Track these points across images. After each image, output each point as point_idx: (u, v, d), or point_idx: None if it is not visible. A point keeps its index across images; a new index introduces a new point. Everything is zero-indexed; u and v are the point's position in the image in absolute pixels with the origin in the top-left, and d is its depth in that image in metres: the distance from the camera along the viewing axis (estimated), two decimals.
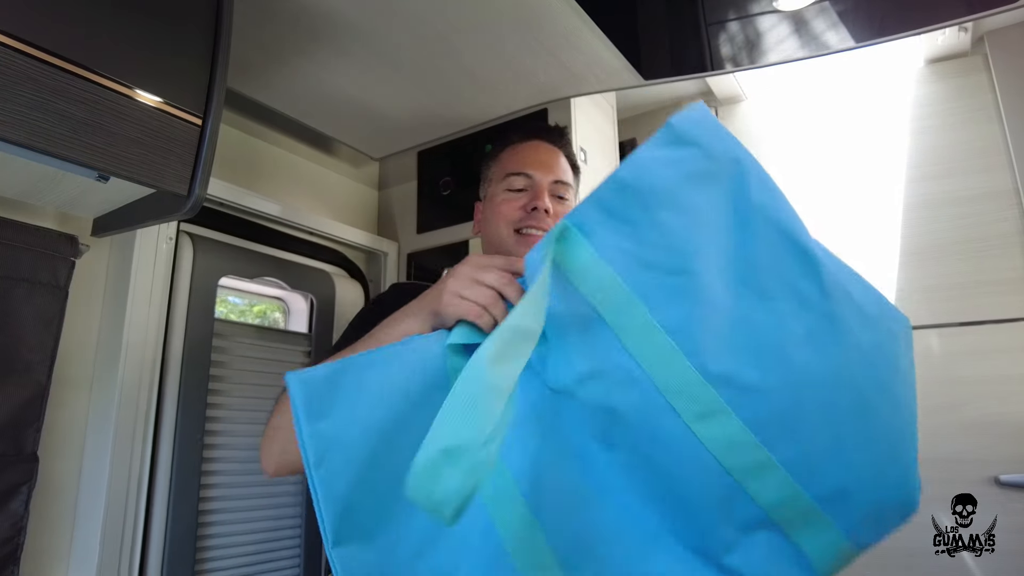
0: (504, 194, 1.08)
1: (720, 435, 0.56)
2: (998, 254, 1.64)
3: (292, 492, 1.39)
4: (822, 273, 0.59)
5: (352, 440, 0.57)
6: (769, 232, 0.59)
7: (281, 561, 1.34)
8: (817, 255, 0.59)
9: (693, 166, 0.59)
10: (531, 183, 1.07)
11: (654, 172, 0.59)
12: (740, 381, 0.56)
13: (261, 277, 1.40)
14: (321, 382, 0.59)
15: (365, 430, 0.58)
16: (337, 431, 0.57)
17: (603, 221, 0.59)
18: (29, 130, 0.75)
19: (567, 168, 1.12)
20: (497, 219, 1.07)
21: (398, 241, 1.79)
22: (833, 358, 0.57)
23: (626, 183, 0.59)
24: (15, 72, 0.73)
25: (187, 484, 1.16)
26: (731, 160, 0.59)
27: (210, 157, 0.91)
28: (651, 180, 0.59)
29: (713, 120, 0.61)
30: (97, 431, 1.08)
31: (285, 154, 1.67)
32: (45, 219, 1.09)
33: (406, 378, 0.61)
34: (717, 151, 0.60)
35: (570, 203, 1.10)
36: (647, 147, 0.59)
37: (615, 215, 0.59)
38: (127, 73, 0.83)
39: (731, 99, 2.11)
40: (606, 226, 0.59)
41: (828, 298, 0.58)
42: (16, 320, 0.99)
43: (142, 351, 1.12)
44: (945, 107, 1.77)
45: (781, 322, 0.58)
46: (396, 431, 0.59)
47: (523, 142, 1.12)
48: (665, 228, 0.58)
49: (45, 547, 1.03)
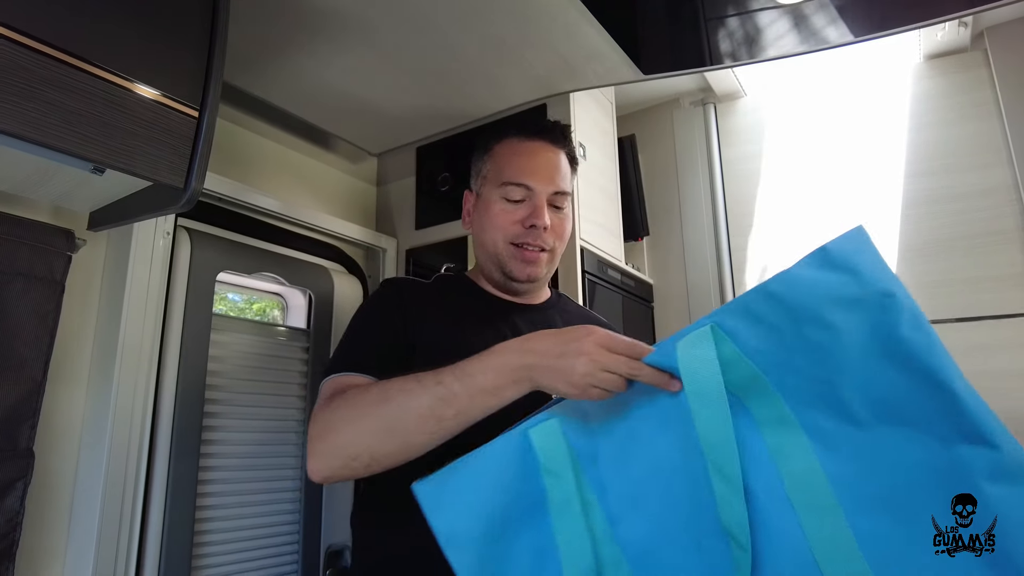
0: (501, 203, 1.05)
1: (828, 537, 0.60)
2: (998, 250, 1.64)
3: (291, 488, 1.39)
4: (959, 409, 0.58)
5: (465, 527, 0.70)
6: (914, 369, 0.58)
7: (280, 558, 1.34)
8: (966, 402, 0.57)
9: (842, 291, 0.61)
10: (530, 195, 1.03)
11: (803, 289, 0.62)
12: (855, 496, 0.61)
13: (259, 272, 1.40)
14: (436, 485, 0.72)
15: (476, 517, 0.71)
16: (451, 522, 0.71)
17: (747, 325, 0.64)
18: (21, 120, 0.74)
19: (567, 172, 1.09)
20: (493, 229, 1.05)
21: (396, 237, 1.78)
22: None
23: (774, 294, 0.63)
24: (6, 61, 0.73)
25: (184, 481, 1.16)
26: (883, 292, 0.60)
27: (207, 150, 0.90)
28: (799, 296, 0.62)
29: (872, 249, 0.62)
30: (93, 427, 1.08)
31: (283, 149, 1.66)
32: (41, 213, 1.08)
33: (504, 472, 0.72)
34: (870, 281, 0.61)
35: (566, 210, 1.08)
36: (799, 265, 0.63)
37: (761, 321, 0.64)
38: (122, 63, 0.82)
39: (730, 95, 2.11)
40: (750, 330, 0.64)
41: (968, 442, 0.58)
42: (12, 315, 0.98)
43: (139, 346, 1.11)
44: (944, 103, 1.77)
45: (912, 451, 0.59)
46: (502, 514, 0.71)
47: (524, 142, 1.07)
48: (809, 341, 0.62)
49: (41, 544, 1.02)
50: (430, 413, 0.74)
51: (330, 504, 1.43)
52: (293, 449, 1.40)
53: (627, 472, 0.71)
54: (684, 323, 1.98)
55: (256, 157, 1.58)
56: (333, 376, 0.90)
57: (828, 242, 0.62)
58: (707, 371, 0.64)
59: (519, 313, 1.08)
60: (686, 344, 0.66)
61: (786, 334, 0.63)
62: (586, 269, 1.55)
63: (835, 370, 0.61)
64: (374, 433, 0.77)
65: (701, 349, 0.65)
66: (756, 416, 0.66)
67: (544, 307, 1.12)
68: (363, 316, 1.01)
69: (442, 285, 1.10)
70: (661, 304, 2.07)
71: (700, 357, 0.64)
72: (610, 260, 1.71)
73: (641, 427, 0.71)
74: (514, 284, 1.06)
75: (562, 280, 1.51)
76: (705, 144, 2.10)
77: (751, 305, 0.64)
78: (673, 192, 2.13)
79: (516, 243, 1.03)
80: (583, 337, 0.70)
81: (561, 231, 1.07)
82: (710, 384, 0.64)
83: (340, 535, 1.43)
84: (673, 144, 2.16)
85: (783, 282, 0.63)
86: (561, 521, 0.70)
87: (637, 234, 2.02)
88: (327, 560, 1.41)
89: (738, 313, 0.65)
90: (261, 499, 1.33)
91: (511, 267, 1.04)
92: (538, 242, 1.03)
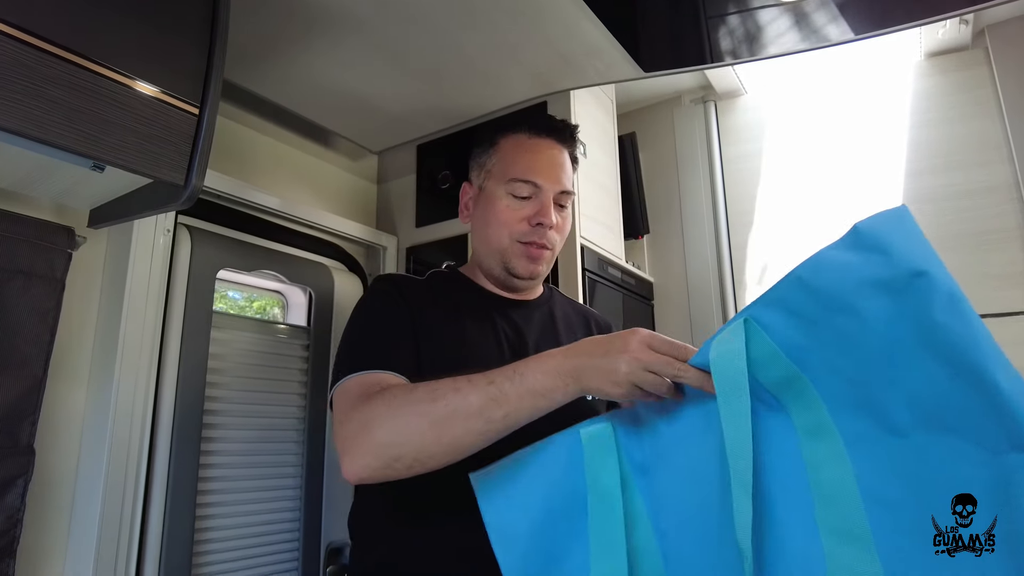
0: (507, 199, 1.04)
1: (847, 561, 0.57)
2: (998, 248, 1.64)
3: (291, 486, 1.39)
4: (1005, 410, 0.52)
5: (512, 520, 0.72)
6: (953, 362, 0.53)
7: (280, 555, 1.34)
8: (1012, 400, 0.51)
9: (870, 272, 0.56)
10: (537, 192, 1.03)
11: (830, 274, 0.57)
12: (894, 519, 0.56)
13: (259, 270, 1.40)
14: (490, 476, 0.75)
15: (524, 511, 0.72)
16: (500, 513, 0.73)
17: (783, 317, 0.61)
18: (22, 117, 0.74)
19: (570, 172, 1.09)
20: (499, 225, 1.05)
21: (397, 235, 1.78)
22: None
23: (804, 281, 0.59)
24: (7, 58, 0.73)
25: (185, 478, 1.16)
26: (913, 272, 0.54)
27: (207, 147, 0.90)
28: (828, 281, 0.58)
29: (908, 228, 0.56)
30: (94, 424, 1.08)
31: (283, 147, 1.66)
32: (41, 211, 1.08)
33: (554, 470, 0.73)
34: (900, 260, 0.55)
35: (569, 210, 1.09)
36: (829, 247, 0.58)
37: (795, 312, 0.60)
38: (123, 61, 0.82)
39: (731, 93, 2.11)
40: (785, 322, 0.60)
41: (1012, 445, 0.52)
42: (12, 312, 0.98)
43: (140, 344, 1.11)
44: (945, 101, 1.77)
45: (954, 464, 0.54)
46: (550, 511, 0.72)
47: (532, 138, 1.07)
48: (843, 333, 0.58)
49: (42, 541, 1.03)
50: (479, 413, 0.73)
51: (330, 502, 1.43)
52: (293, 447, 1.41)
53: (674, 482, 0.70)
54: (684, 321, 2.01)
55: (256, 154, 1.58)
56: (359, 374, 0.88)
57: (861, 220, 0.57)
58: (732, 366, 0.61)
59: (515, 309, 1.08)
60: (719, 341, 0.63)
61: (820, 326, 0.59)
62: (586, 267, 1.55)
63: (869, 366, 0.57)
64: (422, 433, 0.75)
65: (730, 344, 0.62)
66: (796, 422, 0.62)
67: (539, 303, 1.13)
68: (372, 313, 1.00)
69: (436, 282, 1.10)
70: (661, 302, 2.07)
71: (727, 352, 0.61)
72: (610, 258, 1.71)
73: (688, 434, 0.70)
74: (515, 280, 1.06)
75: (562, 278, 1.51)
76: (706, 142, 2.10)
77: (784, 294, 0.60)
78: (673, 190, 2.13)
79: (522, 241, 1.04)
80: (627, 336, 0.70)
81: (563, 230, 1.08)
82: (734, 379, 0.61)
83: (340, 532, 1.43)
84: (674, 142, 2.16)
85: (810, 267, 0.58)
86: (597, 525, 0.70)
87: (637, 232, 2.02)
88: (327, 557, 1.41)
89: (772, 304, 0.61)
90: (262, 496, 1.33)
91: (515, 264, 1.05)
92: (543, 240, 1.03)
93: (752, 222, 1.99)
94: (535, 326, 1.08)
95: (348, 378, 0.88)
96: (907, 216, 0.56)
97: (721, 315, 1.96)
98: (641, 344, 0.69)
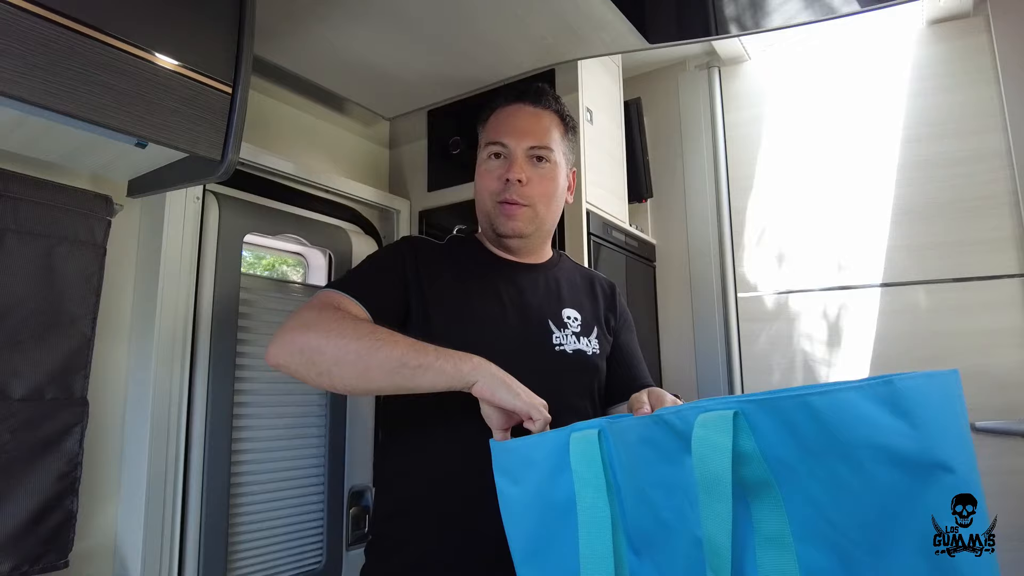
0: (486, 163, 1.13)
1: None
2: (989, 214, 1.70)
3: (316, 434, 1.50)
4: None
5: (518, 496, 0.80)
6: (943, 569, 0.51)
7: (307, 496, 1.46)
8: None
9: (895, 443, 0.51)
10: (506, 151, 1.11)
11: (849, 420, 0.53)
12: None
13: (282, 234, 1.48)
14: (504, 449, 0.83)
15: (526, 492, 0.79)
16: (506, 487, 0.81)
17: (775, 428, 0.58)
18: (78, 101, 0.81)
19: (548, 129, 1.12)
20: (481, 189, 1.14)
21: (409, 199, 1.85)
22: None
23: (816, 411, 0.55)
24: (63, 47, 0.79)
25: (221, 424, 1.26)
26: (941, 464, 0.50)
27: (240, 123, 0.97)
28: (843, 425, 0.53)
29: (952, 404, 0.51)
30: (138, 378, 1.18)
31: (298, 113, 1.72)
32: (79, 181, 1.15)
33: (550, 462, 0.78)
34: (929, 443, 0.50)
35: (550, 164, 1.12)
36: (857, 389, 0.53)
37: (791, 430, 0.57)
38: (163, 45, 0.89)
39: (734, 59, 2.14)
40: (777, 434, 0.58)
41: None
42: (60, 277, 1.07)
43: (175, 303, 1.20)
44: (944, 69, 1.81)
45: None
46: (548, 501, 0.78)
47: (506, 106, 1.15)
48: (837, 477, 0.54)
49: (99, 481, 1.14)
50: (399, 358, 0.86)
51: (353, 449, 1.54)
52: (317, 397, 1.51)
53: (641, 503, 0.71)
54: (684, 283, 2.09)
55: (273, 121, 1.64)
56: (332, 291, 1.01)
57: (901, 377, 0.51)
58: (719, 465, 0.59)
59: (520, 272, 1.15)
60: (705, 423, 0.61)
61: (816, 459, 0.55)
62: (591, 231, 1.62)
63: (855, 521, 0.54)
64: (344, 351, 0.87)
65: (718, 436, 0.59)
66: (756, 524, 0.60)
67: (546, 266, 1.19)
68: (375, 258, 1.12)
69: (453, 246, 1.17)
70: (663, 264, 2.15)
71: (715, 445, 0.59)
72: (614, 222, 1.77)
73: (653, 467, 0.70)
74: (505, 241, 1.13)
75: (568, 241, 1.58)
76: (709, 107, 2.14)
77: (786, 409, 0.57)
78: (676, 154, 2.18)
79: (499, 200, 1.10)
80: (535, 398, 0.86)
81: (542, 188, 1.11)
82: (719, 480, 0.59)
83: (362, 477, 1.55)
84: (677, 107, 2.20)
85: (829, 402, 0.54)
86: (586, 524, 0.72)
87: (641, 195, 2.08)
88: (350, 499, 1.53)
89: (769, 410, 0.58)
90: (290, 444, 1.44)
91: (497, 222, 1.12)
92: (514, 196, 1.09)
93: (752, 187, 2.05)
94: (539, 289, 1.14)
95: (325, 291, 1.01)
96: (954, 386, 0.51)
97: (720, 278, 2.04)
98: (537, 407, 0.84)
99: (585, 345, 1.11)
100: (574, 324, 1.12)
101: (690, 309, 2.09)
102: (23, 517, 0.99)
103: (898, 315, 1.78)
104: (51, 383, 1.04)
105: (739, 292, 2.02)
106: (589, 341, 1.12)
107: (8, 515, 0.98)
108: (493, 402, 0.84)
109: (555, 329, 1.09)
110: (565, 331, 1.10)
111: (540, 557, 0.78)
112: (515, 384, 0.86)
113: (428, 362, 0.85)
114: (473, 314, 1.06)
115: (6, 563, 0.97)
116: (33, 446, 1.01)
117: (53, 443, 1.04)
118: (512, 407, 0.83)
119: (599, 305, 1.21)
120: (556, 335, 1.09)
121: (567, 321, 1.12)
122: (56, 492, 1.03)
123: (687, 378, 2.06)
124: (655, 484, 0.69)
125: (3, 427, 0.98)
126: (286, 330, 0.92)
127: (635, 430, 0.70)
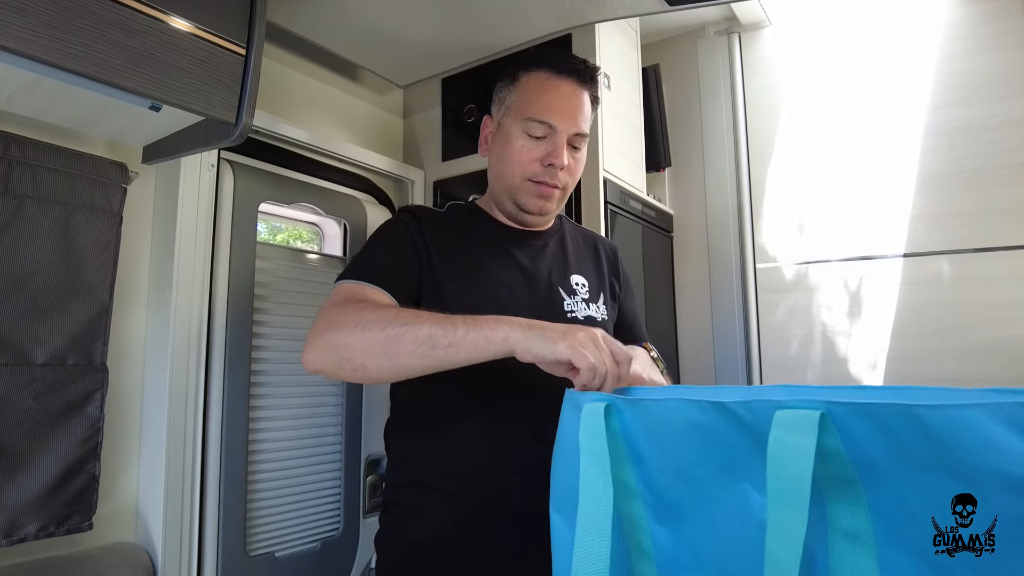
0: (523, 138, 1.07)
1: None
2: (1014, 181, 1.66)
3: (333, 403, 1.51)
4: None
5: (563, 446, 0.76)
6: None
7: (324, 465, 1.47)
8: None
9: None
10: (552, 133, 1.06)
11: (973, 442, 0.48)
12: None
13: (297, 203, 1.47)
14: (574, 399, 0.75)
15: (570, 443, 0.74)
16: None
17: (870, 432, 0.53)
18: (91, 61, 0.80)
19: (588, 113, 1.10)
20: (512, 163, 1.08)
21: (423, 168, 1.83)
22: None
23: (927, 425, 0.49)
24: (75, 4, 0.78)
25: (238, 392, 1.27)
26: None
27: (255, 86, 0.96)
28: (963, 445, 0.48)
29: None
30: (156, 344, 1.18)
31: (312, 81, 1.70)
32: (94, 148, 1.14)
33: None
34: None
35: (583, 151, 1.11)
36: (987, 410, 0.48)
37: (891, 437, 0.52)
38: (178, 5, 0.87)
39: (755, 24, 2.09)
40: (870, 438, 0.53)
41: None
42: (78, 244, 1.07)
43: (192, 270, 1.20)
44: (974, 31, 1.75)
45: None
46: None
47: (552, 78, 1.08)
48: (944, 491, 0.50)
49: (119, 446, 1.15)
50: (428, 339, 0.82)
51: (368, 417, 1.55)
52: None
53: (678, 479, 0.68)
54: (702, 254, 2.06)
55: (288, 90, 1.63)
56: (349, 281, 0.99)
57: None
58: (798, 470, 0.53)
59: (529, 240, 1.15)
60: (786, 423, 0.54)
61: (918, 467, 0.50)
62: (608, 200, 1.60)
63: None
64: (373, 342, 0.85)
65: (801, 439, 0.53)
66: (833, 519, 0.56)
67: (549, 233, 1.19)
68: (382, 236, 1.09)
69: (454, 214, 1.16)
70: (681, 234, 2.12)
71: (796, 447, 0.53)
72: (632, 191, 1.75)
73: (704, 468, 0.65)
74: (525, 216, 1.12)
75: (584, 210, 1.56)
76: (729, 74, 2.09)
77: (886, 416, 0.51)
78: (696, 123, 2.14)
79: (534, 180, 1.08)
80: (578, 328, 0.79)
81: (575, 171, 1.11)
82: (796, 487, 0.53)
83: (379, 445, 1.56)
84: (697, 74, 2.15)
85: (947, 419, 0.48)
86: (585, 495, 0.69)
87: (659, 164, 2.05)
88: (366, 468, 1.54)
89: (863, 414, 0.52)
90: (307, 412, 1.45)
91: (525, 201, 1.10)
92: (554, 181, 1.07)
93: (772, 155, 2.01)
94: (548, 256, 1.14)
95: (343, 282, 1.00)
96: None
97: (738, 248, 2.01)
98: (587, 335, 0.76)
99: (595, 311, 1.12)
100: (582, 291, 1.13)
101: (708, 280, 2.06)
102: (48, 480, 1.01)
103: (920, 286, 1.74)
104: (72, 349, 1.05)
105: (758, 263, 2.00)
106: (598, 307, 1.13)
107: (34, 478, 0.99)
108: (536, 361, 0.78)
109: (565, 296, 1.10)
110: (575, 298, 1.11)
111: (572, 506, 0.76)
112: (549, 331, 0.78)
113: (458, 338, 0.81)
114: (486, 285, 1.05)
115: (33, 523, 0.98)
116: (56, 411, 1.02)
117: (75, 408, 1.05)
118: (555, 358, 0.76)
119: (603, 270, 1.21)
120: (567, 302, 1.09)
121: (576, 287, 1.12)
122: (79, 456, 1.04)
123: (704, 349, 2.04)
124: (700, 464, 0.64)
125: (26, 392, 0.99)
126: (315, 333, 0.91)
127: (684, 411, 0.64)
